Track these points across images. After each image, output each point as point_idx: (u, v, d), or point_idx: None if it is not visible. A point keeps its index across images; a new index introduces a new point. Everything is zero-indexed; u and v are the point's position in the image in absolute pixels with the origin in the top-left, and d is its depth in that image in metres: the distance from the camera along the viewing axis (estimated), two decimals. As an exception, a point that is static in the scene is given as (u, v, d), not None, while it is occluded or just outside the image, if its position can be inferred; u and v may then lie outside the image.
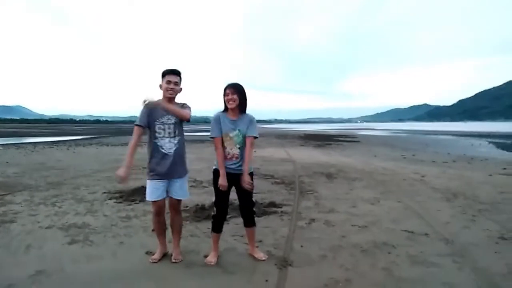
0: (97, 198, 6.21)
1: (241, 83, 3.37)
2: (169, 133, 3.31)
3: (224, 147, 3.37)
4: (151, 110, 3.24)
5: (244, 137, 3.38)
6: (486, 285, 3.09)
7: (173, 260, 3.45)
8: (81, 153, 15.32)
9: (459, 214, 5.36)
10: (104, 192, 6.65)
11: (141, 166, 10.26)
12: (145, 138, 3.43)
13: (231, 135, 3.35)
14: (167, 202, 3.49)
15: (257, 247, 3.74)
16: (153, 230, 3.78)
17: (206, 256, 3.59)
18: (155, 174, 3.33)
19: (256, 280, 3.13)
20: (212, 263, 3.43)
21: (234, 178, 3.38)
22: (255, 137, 3.46)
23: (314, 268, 3.42)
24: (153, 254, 3.55)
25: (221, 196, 3.44)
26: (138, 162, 11.11)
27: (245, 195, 3.47)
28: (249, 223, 3.58)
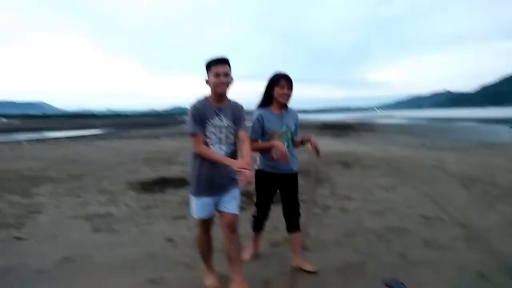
0: (118, 189, 6.41)
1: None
2: (220, 138, 2.64)
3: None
4: (201, 110, 2.60)
5: (292, 135, 3.12)
6: (498, 267, 3.13)
7: None
8: (102, 147, 15.66)
9: (476, 199, 5.35)
10: (125, 183, 6.85)
11: (159, 157, 10.50)
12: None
13: (278, 132, 3.02)
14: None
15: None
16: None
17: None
18: (203, 189, 2.67)
19: (273, 264, 3.25)
20: (246, 259, 3.27)
21: (280, 179, 3.10)
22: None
23: (329, 253, 3.52)
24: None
25: (264, 198, 3.19)
26: (156, 155, 11.37)
27: (291, 195, 3.16)
28: (294, 227, 3.19)
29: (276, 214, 3.39)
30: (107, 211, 4.95)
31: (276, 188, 3.16)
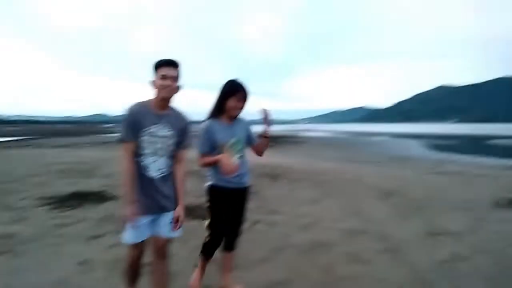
0: (27, 204, 5.78)
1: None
2: (158, 149, 2.36)
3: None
4: (139, 115, 2.30)
5: (242, 146, 2.88)
6: (414, 279, 3.30)
7: None
8: (11, 156, 14.25)
9: (393, 212, 5.66)
10: (36, 198, 6.22)
11: (77, 169, 9.77)
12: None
13: (229, 144, 2.79)
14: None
15: None
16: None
17: None
18: (141, 209, 2.32)
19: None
20: None
21: (232, 194, 2.87)
22: None
23: (255, 270, 3.45)
24: None
25: (219, 217, 2.85)
26: (74, 166, 10.57)
27: (238, 213, 2.96)
28: (231, 246, 3.04)
29: (200, 231, 3.21)
30: (11, 231, 4.41)
31: (230, 204, 2.89)
